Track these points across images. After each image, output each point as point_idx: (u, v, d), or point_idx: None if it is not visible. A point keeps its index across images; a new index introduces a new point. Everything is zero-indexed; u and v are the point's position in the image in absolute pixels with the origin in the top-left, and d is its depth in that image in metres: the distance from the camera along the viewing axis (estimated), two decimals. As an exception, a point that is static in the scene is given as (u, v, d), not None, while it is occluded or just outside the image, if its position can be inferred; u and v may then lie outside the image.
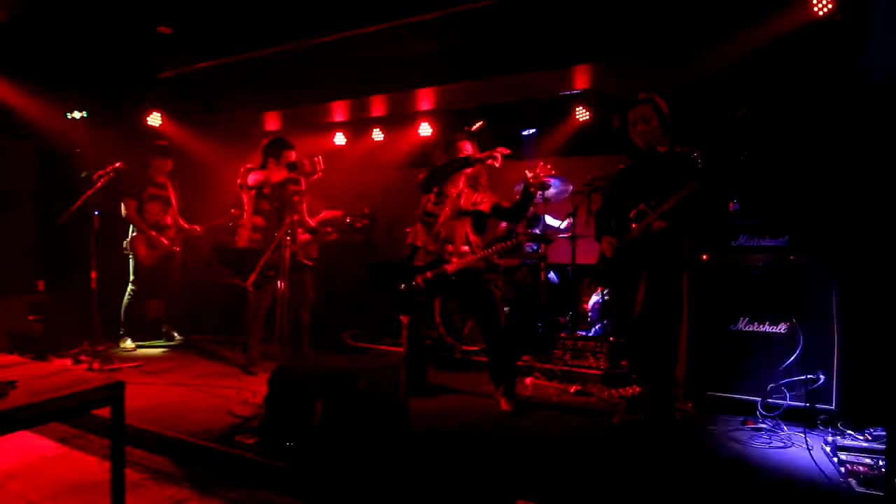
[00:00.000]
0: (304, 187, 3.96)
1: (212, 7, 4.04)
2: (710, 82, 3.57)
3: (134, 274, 4.60)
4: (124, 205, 4.49)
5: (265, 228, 3.82)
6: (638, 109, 2.60)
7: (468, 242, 3.27)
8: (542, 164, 3.04)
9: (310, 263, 4.05)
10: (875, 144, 2.99)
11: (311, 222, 4.08)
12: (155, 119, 5.54)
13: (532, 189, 3.09)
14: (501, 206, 3.32)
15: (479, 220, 3.35)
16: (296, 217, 3.90)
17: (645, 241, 2.59)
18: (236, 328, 4.81)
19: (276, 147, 3.92)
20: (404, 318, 3.43)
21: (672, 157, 2.54)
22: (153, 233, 4.57)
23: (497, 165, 3.13)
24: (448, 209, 3.27)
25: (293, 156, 3.87)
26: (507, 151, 3.12)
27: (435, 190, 3.30)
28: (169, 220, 4.74)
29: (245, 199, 3.90)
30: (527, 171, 3.08)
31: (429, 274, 3.21)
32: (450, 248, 3.23)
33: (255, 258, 3.56)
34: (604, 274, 2.85)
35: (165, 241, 4.63)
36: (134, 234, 4.56)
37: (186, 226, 4.82)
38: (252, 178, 3.81)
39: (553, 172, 3.10)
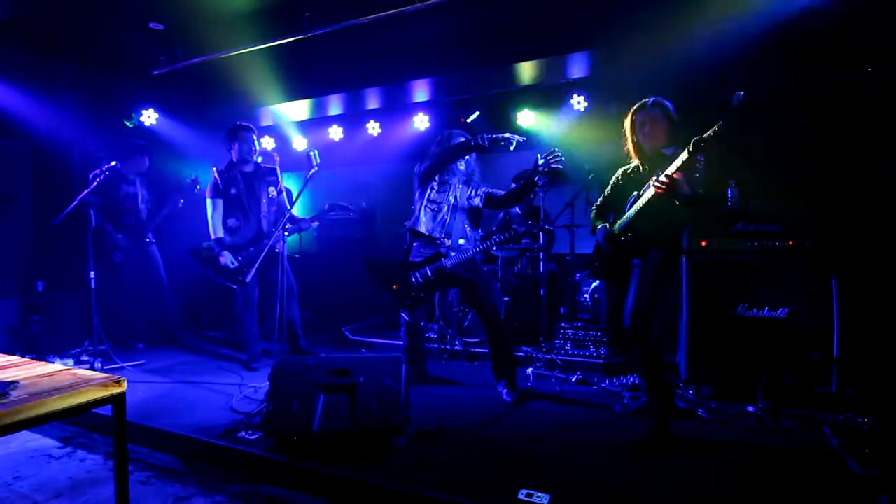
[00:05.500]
0: (279, 179, 3.93)
1: (204, 2, 4.00)
2: (709, 68, 3.55)
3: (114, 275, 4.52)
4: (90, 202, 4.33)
5: (237, 228, 3.80)
6: (647, 112, 2.60)
7: (465, 236, 3.26)
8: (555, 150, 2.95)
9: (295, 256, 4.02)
10: (869, 133, 2.99)
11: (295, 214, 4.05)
12: (149, 116, 5.51)
13: (537, 178, 3.03)
14: (494, 194, 3.30)
15: (475, 214, 3.34)
16: (274, 209, 3.89)
17: (639, 229, 2.59)
18: (237, 325, 4.83)
19: (231, 133, 3.84)
20: (404, 313, 3.44)
21: (673, 158, 2.53)
22: (118, 235, 4.48)
23: (510, 148, 3.05)
24: (452, 197, 3.25)
25: (251, 139, 3.82)
26: (521, 139, 3.05)
27: (437, 178, 3.28)
28: (143, 218, 4.64)
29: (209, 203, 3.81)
30: (538, 155, 2.99)
31: (427, 270, 3.20)
32: (447, 242, 3.22)
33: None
34: (598, 265, 2.84)
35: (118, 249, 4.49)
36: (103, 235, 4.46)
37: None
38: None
39: (563, 160, 2.97)
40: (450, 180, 3.26)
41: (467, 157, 3.25)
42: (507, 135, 3.03)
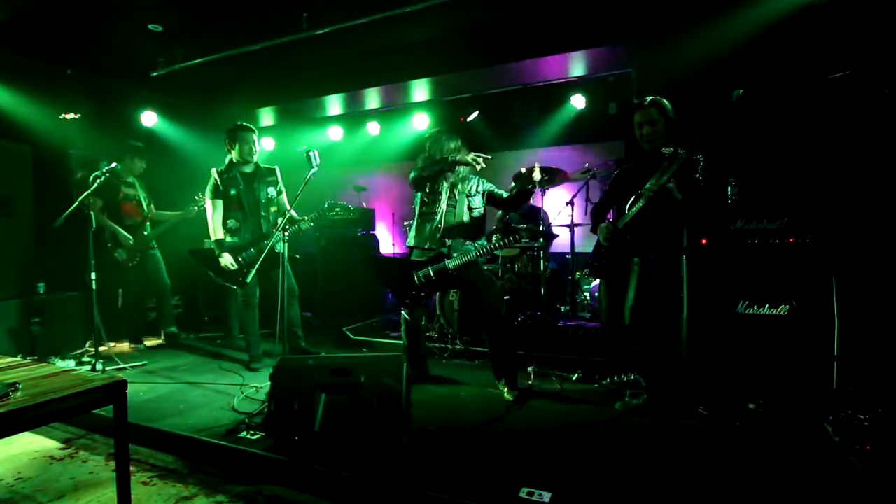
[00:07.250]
0: (279, 179, 3.93)
1: (202, 3, 4.00)
2: (708, 65, 3.54)
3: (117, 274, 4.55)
4: (90, 204, 4.17)
5: (237, 229, 3.80)
6: (644, 112, 2.60)
7: (468, 237, 3.26)
8: (536, 165, 3.01)
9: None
10: (870, 129, 2.98)
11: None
12: (149, 118, 5.51)
13: (527, 190, 3.06)
14: (496, 194, 3.30)
15: (475, 214, 3.33)
16: (274, 209, 3.87)
17: (639, 228, 2.59)
18: (236, 325, 4.84)
19: (231, 133, 3.82)
20: (404, 311, 3.44)
21: (671, 157, 2.54)
22: (122, 231, 4.48)
23: (478, 168, 3.08)
24: (444, 205, 3.25)
25: (251, 140, 3.80)
26: (488, 158, 3.07)
27: (426, 188, 3.28)
28: (144, 221, 4.63)
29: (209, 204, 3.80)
30: (521, 169, 3.03)
31: (430, 270, 3.20)
32: (448, 242, 3.22)
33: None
34: (598, 264, 2.84)
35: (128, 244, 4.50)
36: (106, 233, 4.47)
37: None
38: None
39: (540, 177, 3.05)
40: (443, 184, 3.26)
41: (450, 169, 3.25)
42: (476, 157, 3.04)
